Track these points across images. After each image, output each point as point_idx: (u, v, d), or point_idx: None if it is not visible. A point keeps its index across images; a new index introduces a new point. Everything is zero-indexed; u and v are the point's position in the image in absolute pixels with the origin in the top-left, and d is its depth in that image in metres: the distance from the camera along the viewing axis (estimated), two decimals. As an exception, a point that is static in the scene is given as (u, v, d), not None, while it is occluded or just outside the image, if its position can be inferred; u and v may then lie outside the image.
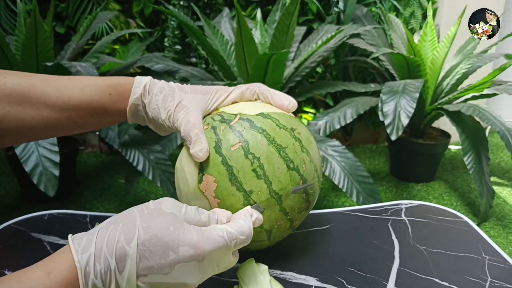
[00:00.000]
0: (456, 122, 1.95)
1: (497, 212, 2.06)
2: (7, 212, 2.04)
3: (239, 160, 0.51)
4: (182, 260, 0.40)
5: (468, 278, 0.58)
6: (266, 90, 0.59)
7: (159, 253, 0.40)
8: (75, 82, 0.54)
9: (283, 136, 0.54)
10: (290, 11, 1.71)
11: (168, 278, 0.40)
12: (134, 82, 0.56)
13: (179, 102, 0.55)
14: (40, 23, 1.65)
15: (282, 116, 0.56)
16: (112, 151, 2.69)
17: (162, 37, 2.50)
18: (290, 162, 0.53)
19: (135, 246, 0.39)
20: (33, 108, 0.51)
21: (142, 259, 0.39)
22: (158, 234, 0.40)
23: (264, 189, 0.51)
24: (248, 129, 0.53)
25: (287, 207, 0.54)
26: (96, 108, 0.54)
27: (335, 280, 0.57)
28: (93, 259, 0.38)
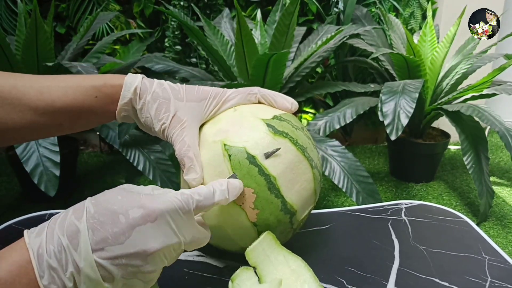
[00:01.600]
0: (455, 122, 1.96)
1: (497, 212, 2.07)
2: (8, 212, 2.04)
3: (275, 168, 0.51)
4: (134, 223, 0.38)
5: (468, 278, 0.58)
6: (267, 92, 0.58)
7: (110, 222, 0.38)
8: (58, 83, 0.51)
9: (301, 137, 0.55)
10: (290, 11, 1.71)
11: (126, 248, 0.38)
12: (123, 84, 0.53)
13: (174, 114, 0.52)
14: (41, 23, 1.65)
15: (291, 117, 0.57)
16: (112, 151, 2.69)
17: (162, 38, 2.50)
18: (312, 161, 0.55)
19: (84, 221, 0.37)
20: (15, 111, 0.49)
21: (94, 231, 0.37)
22: (106, 205, 0.39)
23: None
24: (272, 135, 0.52)
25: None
26: (81, 110, 0.52)
27: (335, 280, 0.57)
28: (45, 241, 0.37)
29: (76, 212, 0.39)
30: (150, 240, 0.39)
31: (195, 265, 0.60)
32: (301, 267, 0.52)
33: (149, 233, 0.39)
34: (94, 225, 0.38)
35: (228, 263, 0.61)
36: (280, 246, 0.53)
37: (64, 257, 0.37)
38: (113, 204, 0.39)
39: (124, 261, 0.38)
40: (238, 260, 0.60)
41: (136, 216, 0.38)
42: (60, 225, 0.38)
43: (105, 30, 2.36)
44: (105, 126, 1.88)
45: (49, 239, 0.37)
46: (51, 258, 0.37)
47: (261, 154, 0.51)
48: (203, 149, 0.53)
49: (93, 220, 0.38)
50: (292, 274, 0.51)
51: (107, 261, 0.37)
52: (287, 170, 0.52)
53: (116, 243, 0.38)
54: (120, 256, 0.38)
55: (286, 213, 0.52)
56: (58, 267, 0.37)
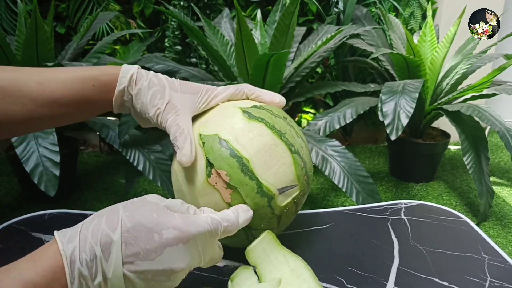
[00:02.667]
0: (455, 122, 1.96)
1: (497, 212, 2.07)
2: (8, 212, 2.05)
3: (247, 151, 0.53)
4: (166, 243, 0.40)
5: (468, 278, 0.58)
6: (255, 89, 0.60)
7: (144, 239, 0.40)
8: (57, 75, 0.53)
9: (279, 123, 0.56)
10: (290, 11, 1.71)
11: (155, 264, 0.40)
12: (120, 72, 0.55)
13: (169, 101, 0.54)
14: (41, 24, 1.65)
15: (273, 108, 0.59)
16: (112, 151, 2.69)
17: (162, 38, 2.51)
18: (291, 146, 0.56)
19: (119, 233, 0.39)
20: (16, 103, 0.50)
21: (128, 245, 0.39)
22: (142, 220, 0.40)
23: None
24: (247, 119, 0.55)
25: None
26: (79, 100, 0.54)
27: (335, 280, 0.57)
28: (78, 248, 0.38)
29: (110, 223, 0.40)
30: (178, 260, 0.42)
31: (194, 265, 0.60)
32: (300, 267, 0.52)
33: (179, 254, 0.41)
34: (128, 239, 0.39)
35: (228, 262, 0.61)
36: (280, 245, 0.54)
37: (94, 266, 0.38)
38: (149, 222, 0.41)
39: (150, 276, 0.40)
40: (238, 260, 0.61)
41: (170, 237, 0.41)
42: (93, 233, 0.39)
43: (105, 30, 2.36)
44: (105, 126, 1.88)
45: (82, 247, 0.39)
46: (82, 266, 0.38)
47: (235, 139, 0.53)
48: None
49: (128, 235, 0.39)
50: (291, 273, 0.51)
51: (134, 274, 0.40)
52: (261, 152, 0.53)
53: (146, 259, 0.40)
54: (148, 272, 0.40)
55: (263, 195, 0.53)
56: (88, 275, 0.38)
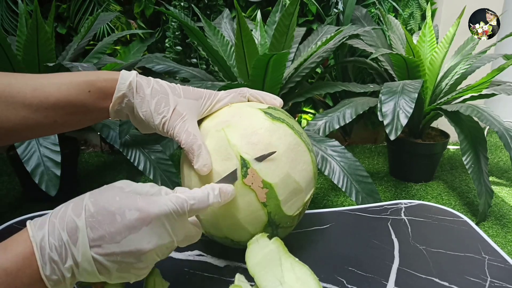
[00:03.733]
0: (454, 122, 1.96)
1: (496, 212, 2.07)
2: (9, 212, 2.05)
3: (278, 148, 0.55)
4: (129, 224, 0.40)
5: (468, 278, 0.58)
6: (256, 92, 0.61)
7: (107, 222, 0.40)
8: (52, 80, 0.52)
9: (295, 124, 0.59)
10: (290, 12, 1.72)
11: (121, 246, 0.40)
12: (118, 78, 0.54)
13: (174, 108, 0.54)
14: (42, 24, 1.66)
15: (282, 110, 0.61)
16: (113, 151, 2.70)
17: (163, 38, 2.51)
18: (308, 145, 0.59)
19: (83, 218, 0.40)
20: (9, 108, 0.49)
21: (93, 229, 0.40)
22: (104, 205, 0.41)
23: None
24: (271, 120, 0.56)
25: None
26: (74, 106, 0.52)
27: (335, 280, 0.58)
28: (47, 234, 0.39)
29: (76, 209, 0.41)
30: (144, 241, 0.41)
31: (195, 265, 0.61)
32: (306, 275, 0.52)
33: (144, 234, 0.41)
34: (92, 223, 0.40)
35: (228, 263, 0.61)
36: (287, 253, 0.54)
37: (64, 251, 0.39)
38: (111, 205, 0.41)
39: (119, 258, 0.41)
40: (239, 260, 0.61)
41: (132, 218, 0.41)
42: (60, 220, 0.40)
43: (106, 30, 2.36)
44: (106, 126, 1.88)
45: (51, 233, 0.39)
46: (52, 251, 0.39)
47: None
48: (207, 139, 0.56)
49: (92, 219, 0.40)
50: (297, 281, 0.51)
51: (103, 257, 0.40)
52: (288, 151, 0.55)
53: (112, 241, 0.40)
54: (116, 254, 0.40)
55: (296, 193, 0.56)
56: (59, 259, 0.39)
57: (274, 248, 0.53)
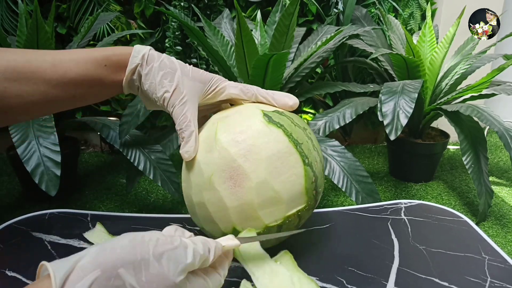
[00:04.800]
0: (454, 122, 1.96)
1: (496, 212, 2.07)
2: (9, 212, 2.05)
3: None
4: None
5: (468, 278, 0.58)
6: (266, 92, 0.60)
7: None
8: (70, 56, 0.54)
9: (298, 133, 0.56)
10: (290, 12, 1.72)
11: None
12: (132, 52, 0.56)
13: (177, 85, 0.55)
14: (42, 24, 1.66)
15: (294, 116, 0.60)
16: (113, 151, 2.70)
17: (163, 38, 2.51)
18: (305, 158, 0.55)
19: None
20: (30, 84, 0.51)
21: None
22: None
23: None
24: (266, 122, 0.55)
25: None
26: (92, 80, 0.54)
27: (335, 280, 0.58)
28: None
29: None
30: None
31: (197, 265, 0.61)
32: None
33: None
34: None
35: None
36: (296, 267, 0.53)
37: None
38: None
39: None
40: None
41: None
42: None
43: (106, 30, 2.36)
44: (106, 126, 1.88)
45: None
46: None
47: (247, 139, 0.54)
48: (203, 128, 0.58)
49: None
50: None
51: None
52: (273, 157, 0.53)
53: None
54: None
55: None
56: None
57: (285, 261, 0.53)
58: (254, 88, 0.60)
